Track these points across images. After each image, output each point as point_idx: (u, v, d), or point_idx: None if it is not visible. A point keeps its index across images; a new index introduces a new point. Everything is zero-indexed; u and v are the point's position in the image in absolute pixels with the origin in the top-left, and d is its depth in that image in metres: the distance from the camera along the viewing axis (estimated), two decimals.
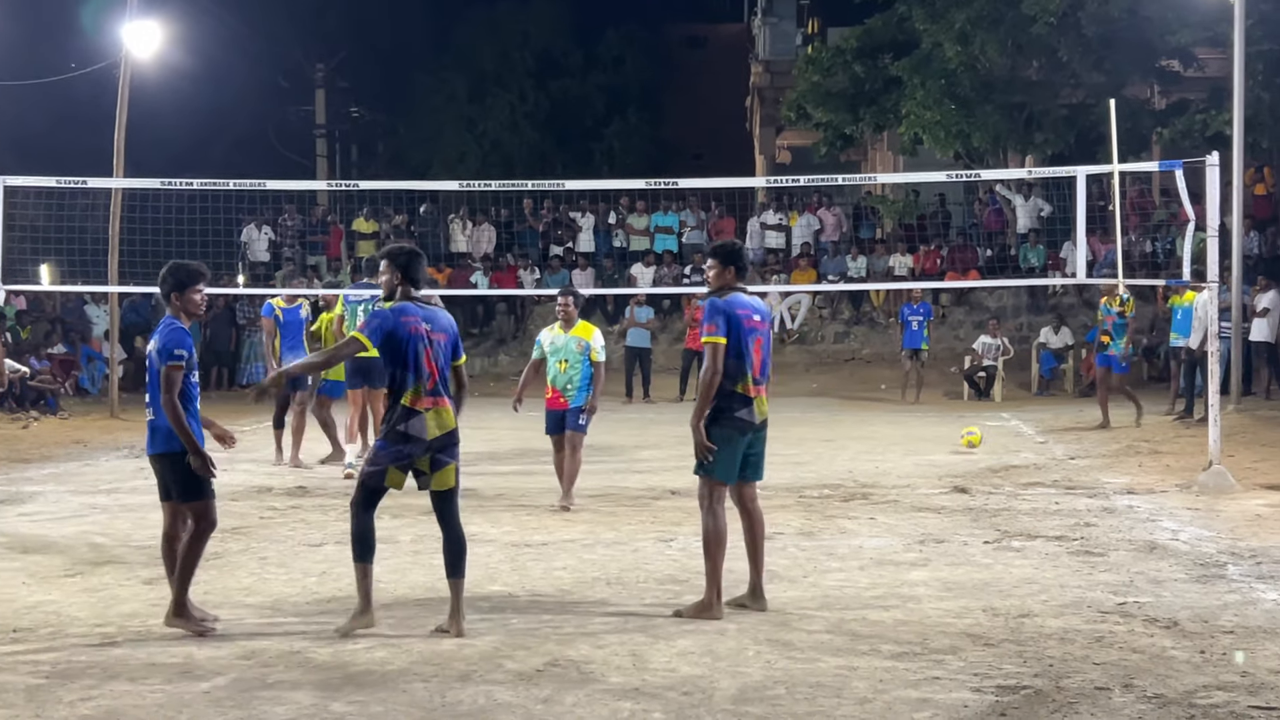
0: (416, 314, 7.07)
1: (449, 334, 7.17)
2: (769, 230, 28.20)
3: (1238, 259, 18.41)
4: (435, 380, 7.00)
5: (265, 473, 13.69)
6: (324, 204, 30.79)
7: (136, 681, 6.11)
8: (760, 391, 7.37)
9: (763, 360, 7.45)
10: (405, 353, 6.96)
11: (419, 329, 7.00)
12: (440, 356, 7.07)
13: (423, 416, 6.99)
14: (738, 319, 7.31)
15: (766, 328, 7.55)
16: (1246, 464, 13.08)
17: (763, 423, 7.44)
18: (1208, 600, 7.54)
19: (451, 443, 7.08)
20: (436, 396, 7.01)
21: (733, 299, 7.39)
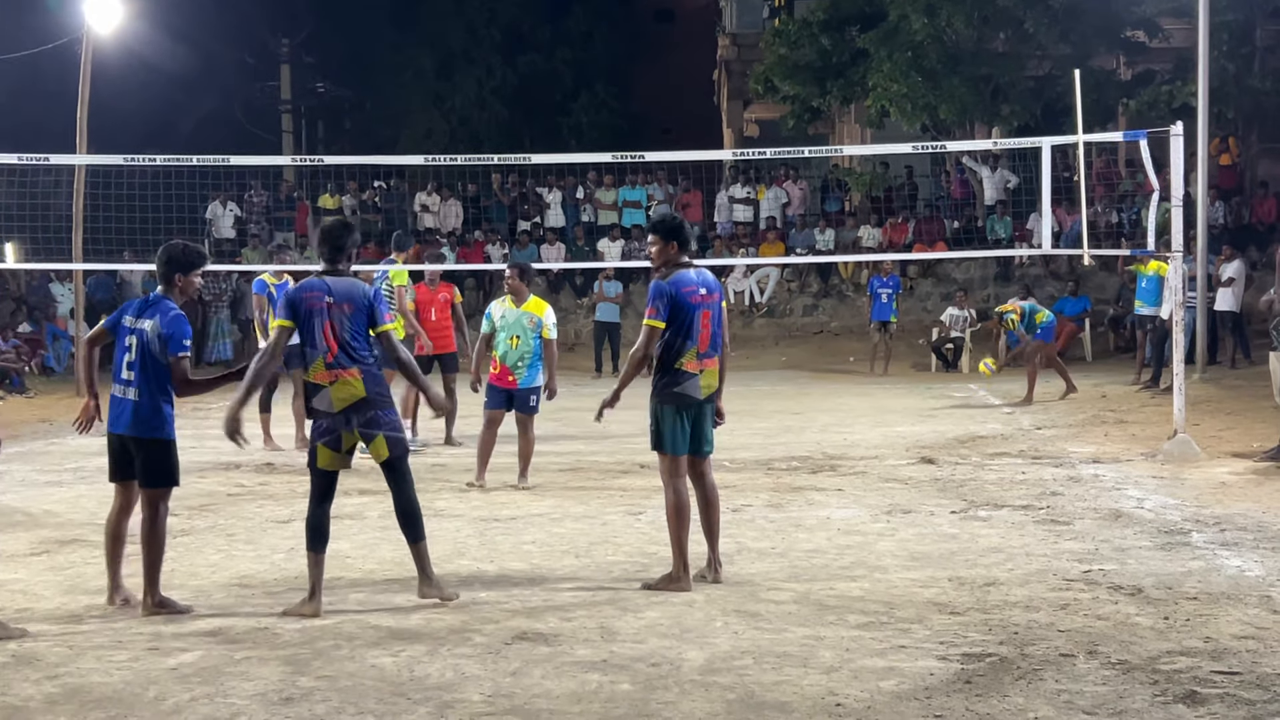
0: (320, 288, 7.00)
1: (356, 303, 7.01)
2: (737, 204, 28.21)
3: (1203, 229, 18.51)
4: (335, 353, 6.92)
5: (234, 450, 13.60)
6: (290, 180, 30.61)
7: (103, 659, 6.10)
8: (708, 365, 7.34)
9: (712, 334, 7.41)
10: (308, 327, 6.96)
11: (319, 303, 6.95)
12: (343, 328, 6.96)
13: (325, 390, 6.96)
14: (683, 297, 7.30)
15: (716, 299, 7.48)
16: (1211, 432, 13.18)
17: (708, 397, 7.42)
18: (1172, 567, 7.61)
19: (369, 412, 6.96)
20: (338, 369, 6.93)
21: (678, 277, 7.36)
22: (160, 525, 7.08)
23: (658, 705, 5.33)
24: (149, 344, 6.98)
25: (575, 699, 5.42)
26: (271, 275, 13.97)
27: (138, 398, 6.98)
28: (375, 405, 7.00)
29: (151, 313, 7.06)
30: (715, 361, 7.45)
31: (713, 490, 7.64)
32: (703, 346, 7.36)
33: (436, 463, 12.49)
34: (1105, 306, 24.46)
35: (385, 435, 7.02)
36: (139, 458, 7.06)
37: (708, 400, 7.45)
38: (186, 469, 11.99)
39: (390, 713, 5.29)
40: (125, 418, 7.03)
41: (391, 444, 7.06)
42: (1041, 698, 5.31)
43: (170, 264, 7.16)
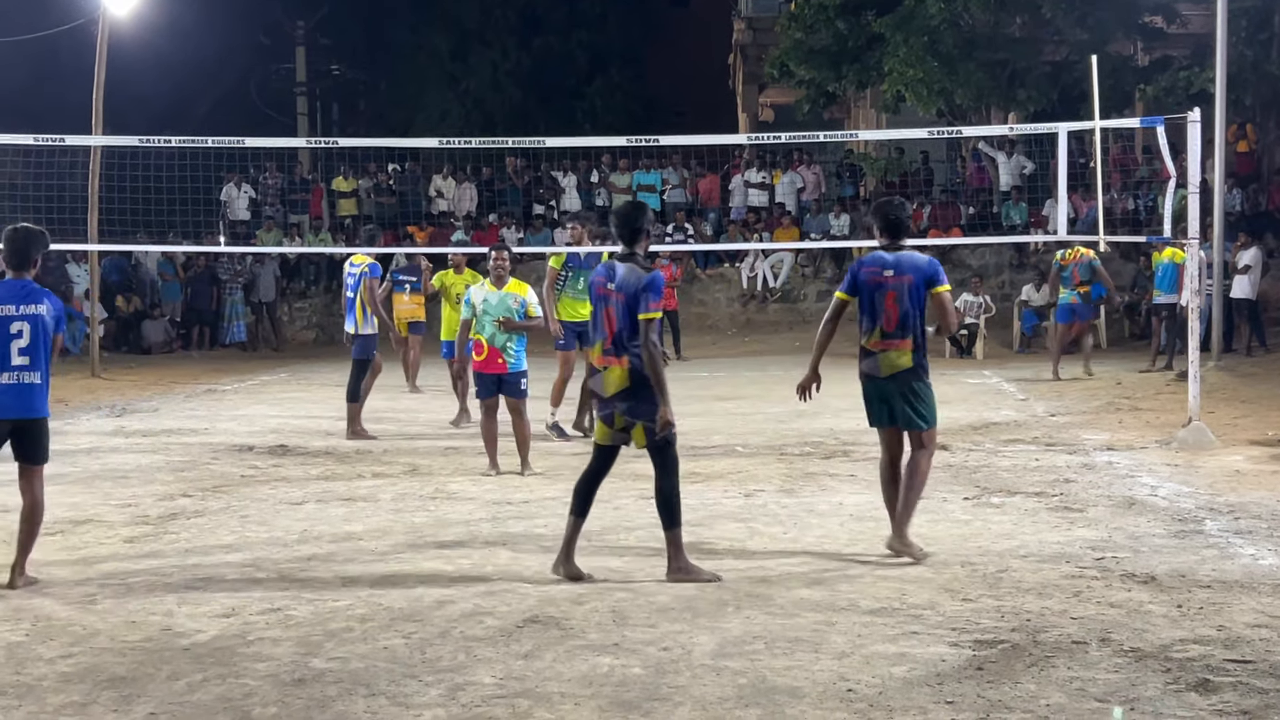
0: (603, 274, 7.25)
1: (625, 293, 7.11)
2: (752, 188, 28.15)
3: (1219, 216, 18.43)
4: (611, 339, 7.11)
5: (246, 431, 13.68)
6: (305, 162, 30.62)
7: (116, 639, 6.12)
8: (892, 345, 7.48)
9: (901, 314, 7.54)
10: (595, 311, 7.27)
11: (603, 290, 7.18)
12: (618, 314, 7.09)
13: (599, 375, 7.20)
14: (865, 276, 7.66)
15: (909, 281, 7.55)
16: (1226, 420, 13.13)
17: (891, 375, 7.61)
18: (1185, 556, 7.58)
19: (633, 401, 7.09)
20: (610, 357, 7.13)
21: (868, 258, 7.74)
22: (38, 501, 7.20)
23: (668, 689, 5.33)
24: (46, 328, 7.07)
25: (586, 682, 5.43)
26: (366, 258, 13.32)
27: (39, 380, 7.07)
28: (639, 395, 7.09)
29: (37, 297, 7.12)
30: (904, 343, 7.56)
31: (912, 463, 7.81)
32: (888, 326, 7.52)
33: (450, 445, 12.50)
34: (1121, 294, 24.37)
35: (645, 425, 7.10)
36: (27, 438, 7.11)
37: (891, 378, 7.62)
38: (200, 452, 12.20)
39: (402, 694, 5.30)
40: (26, 401, 7.06)
41: (649, 433, 7.11)
42: (1053, 685, 5.30)
43: (33, 244, 7.25)
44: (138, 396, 17.52)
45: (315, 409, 15.83)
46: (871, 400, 7.81)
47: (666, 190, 28.12)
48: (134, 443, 12.98)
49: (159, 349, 25.14)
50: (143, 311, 25.94)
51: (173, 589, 7.07)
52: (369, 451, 12.22)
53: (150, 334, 25.49)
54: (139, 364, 22.69)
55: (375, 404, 13.84)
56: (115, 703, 5.24)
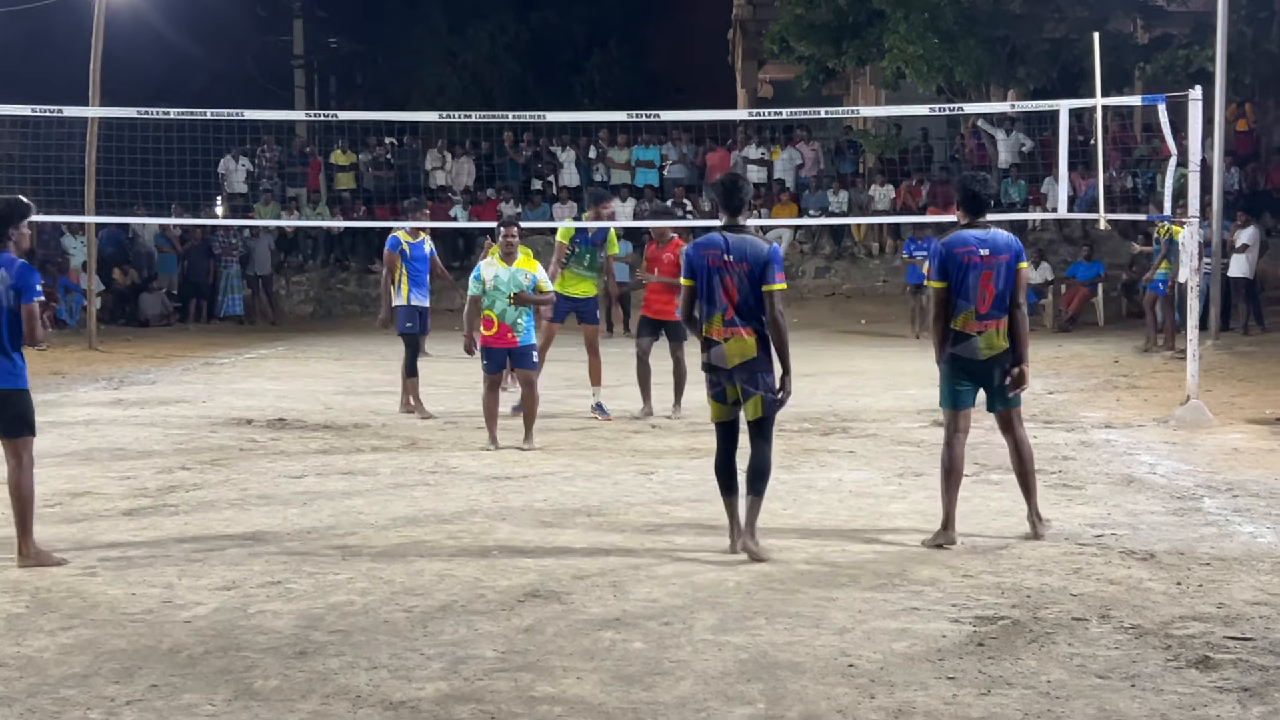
0: (719, 244, 7.13)
1: (749, 263, 7.07)
2: (751, 164, 28.07)
3: (1219, 195, 18.42)
4: (732, 311, 7.06)
5: (244, 404, 13.66)
6: (302, 135, 30.52)
7: (116, 611, 6.13)
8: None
9: (996, 294, 7.38)
10: (705, 284, 7.12)
11: (717, 260, 7.09)
12: (741, 285, 7.06)
13: (720, 346, 7.09)
14: (955, 257, 7.42)
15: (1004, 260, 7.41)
16: (1224, 399, 13.14)
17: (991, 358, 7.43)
18: (1184, 533, 7.60)
19: (753, 371, 7.08)
20: (734, 327, 7.06)
21: (955, 238, 7.49)
22: (27, 476, 7.05)
23: (670, 664, 5.34)
24: (9, 302, 6.95)
25: (588, 656, 5.43)
26: (407, 233, 13.14)
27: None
28: (760, 366, 7.09)
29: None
30: (1000, 322, 7.40)
31: (1023, 442, 7.72)
32: (983, 307, 7.37)
33: (449, 420, 12.50)
34: (1119, 272, 24.36)
35: (762, 396, 7.10)
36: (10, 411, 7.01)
37: (992, 360, 7.44)
38: (198, 425, 12.18)
39: (404, 667, 5.31)
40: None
41: (765, 405, 7.12)
42: (1054, 661, 5.31)
43: (6, 218, 7.09)
44: (135, 369, 17.50)
45: (313, 383, 15.81)
46: (960, 381, 7.55)
47: (666, 165, 28.04)
48: (132, 415, 12.97)
49: (156, 321, 25.10)
50: (139, 284, 25.89)
51: (172, 561, 7.07)
52: (367, 425, 12.22)
53: (147, 306, 25.44)
54: (136, 336, 22.65)
55: (374, 376, 13.82)
56: (117, 675, 5.24)
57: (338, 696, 5.00)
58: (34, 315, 6.99)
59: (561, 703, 4.91)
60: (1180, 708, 4.79)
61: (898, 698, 4.93)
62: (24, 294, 6.96)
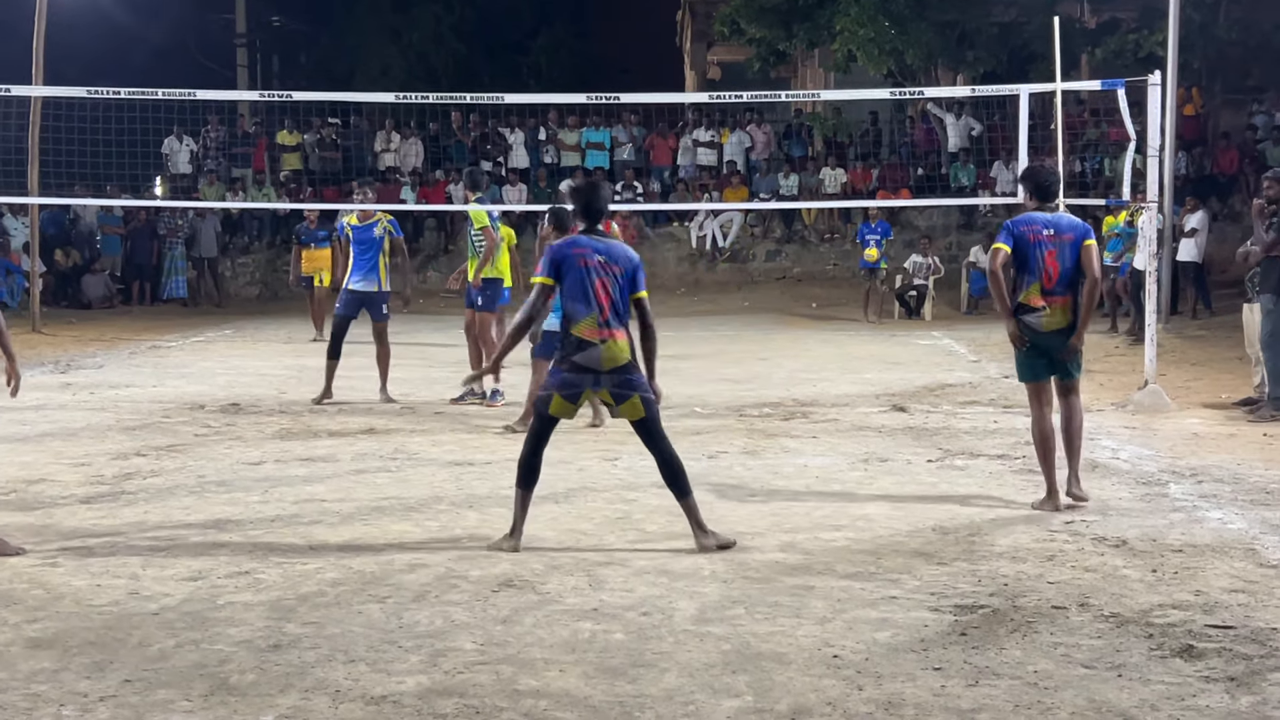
0: (588, 245, 6.99)
1: (623, 266, 6.99)
2: (701, 147, 28.02)
3: (1169, 180, 18.53)
4: (607, 313, 6.91)
5: (196, 389, 13.47)
6: (247, 115, 30.14)
7: (82, 603, 5.98)
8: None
9: (1062, 271, 7.84)
10: (576, 283, 6.92)
11: (591, 260, 6.94)
12: (615, 288, 6.94)
13: (596, 348, 6.89)
14: (1024, 235, 7.90)
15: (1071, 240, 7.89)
16: (1178, 383, 13.22)
17: (1055, 331, 7.90)
18: (1154, 519, 7.61)
19: (626, 375, 6.92)
20: (609, 329, 6.91)
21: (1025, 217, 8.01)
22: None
23: (653, 655, 5.27)
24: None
25: (569, 648, 5.35)
26: (354, 217, 12.89)
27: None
28: (633, 369, 6.97)
29: None
30: (1064, 299, 7.87)
31: (1075, 410, 8.17)
32: (1048, 283, 7.82)
33: (405, 405, 12.37)
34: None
35: (640, 396, 6.94)
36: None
37: (1057, 332, 7.91)
38: (150, 409, 11.99)
39: (381, 660, 5.21)
40: None
41: (646, 404, 6.96)
42: (1039, 650, 5.29)
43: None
44: (81, 352, 17.23)
45: (264, 365, 15.63)
46: (1032, 355, 8.04)
47: (617, 148, 27.92)
48: (81, 400, 12.75)
49: (99, 304, 24.74)
50: (82, 266, 25.51)
51: (135, 551, 6.92)
52: (323, 410, 12.07)
53: (90, 289, 25.08)
54: (79, 319, 22.32)
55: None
56: (88, 670, 5.11)
57: (317, 691, 4.89)
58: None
59: (546, 696, 4.83)
60: (1169, 698, 4.77)
61: (886, 689, 4.88)
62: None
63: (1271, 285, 11.17)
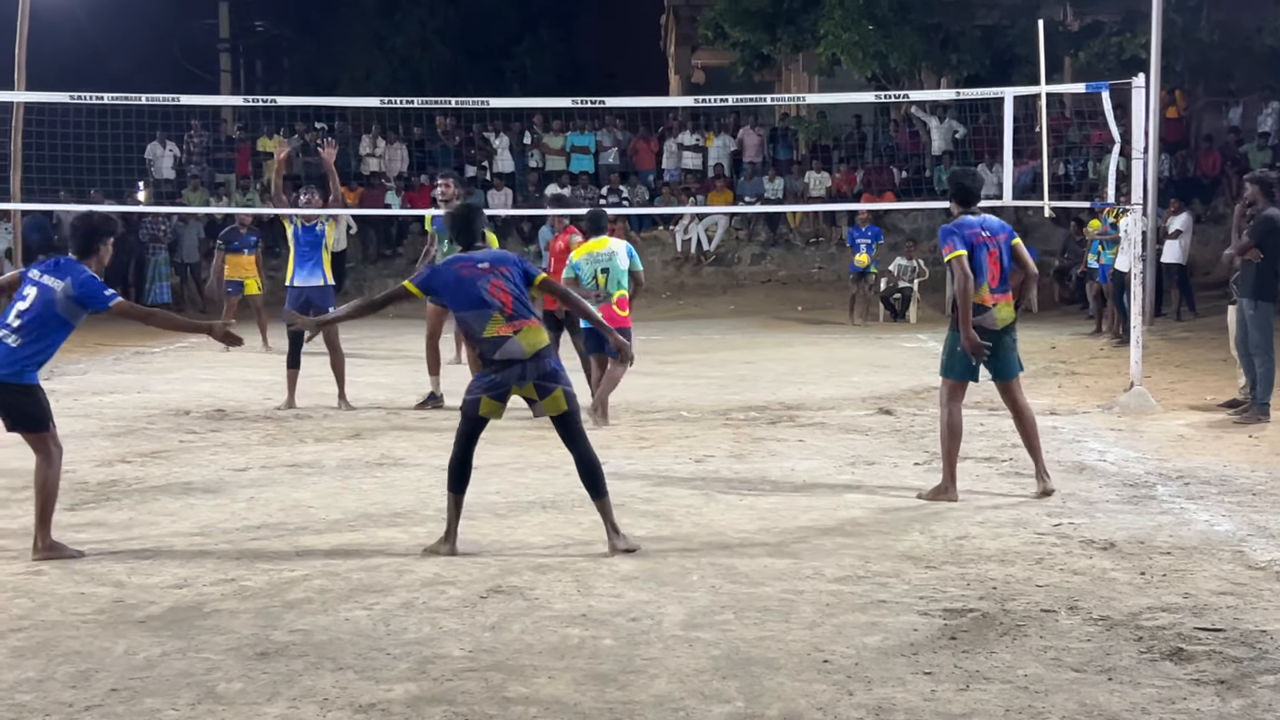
0: (469, 259, 7.05)
1: (511, 265, 7.06)
2: (686, 151, 28.01)
3: (1152, 182, 18.57)
4: (510, 306, 6.92)
5: (180, 395, 13.42)
6: (230, 120, 30.07)
7: (67, 611, 5.95)
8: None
9: (1002, 271, 8.23)
10: (468, 293, 6.94)
11: (473, 269, 6.98)
12: (510, 284, 6.97)
13: (513, 339, 6.90)
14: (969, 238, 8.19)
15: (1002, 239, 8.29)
16: (1163, 385, 13.24)
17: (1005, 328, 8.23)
18: (1141, 521, 7.61)
19: (547, 364, 6.94)
20: (519, 319, 6.92)
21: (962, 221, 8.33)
22: (45, 470, 6.96)
23: (642, 661, 5.25)
24: (53, 302, 6.87)
25: (558, 654, 5.33)
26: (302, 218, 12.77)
27: (16, 344, 6.84)
28: (552, 354, 7.02)
29: (62, 274, 6.94)
30: (1007, 296, 8.26)
31: (1025, 408, 8.48)
32: (993, 282, 8.16)
33: (391, 410, 12.34)
34: (1051, 258, 24.55)
35: (564, 390, 6.96)
36: (5, 403, 6.92)
37: (1005, 330, 8.23)
38: (135, 416, 11.93)
39: (370, 668, 5.18)
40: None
41: (569, 398, 6.97)
42: (1029, 654, 5.28)
43: (95, 233, 7.11)
44: (64, 358, 17.09)
45: (249, 372, 15.58)
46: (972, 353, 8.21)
47: (601, 153, 27.91)
48: (65, 406, 12.64)
49: None
50: None
51: (120, 558, 6.89)
52: (309, 416, 12.03)
53: None
54: None
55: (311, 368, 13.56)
56: (74, 679, 5.07)
57: (305, 699, 4.86)
58: (121, 312, 7.08)
59: (536, 703, 4.81)
60: (1160, 701, 4.77)
61: (876, 694, 4.87)
62: (94, 302, 6.93)
63: (1248, 289, 11.21)
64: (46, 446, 6.98)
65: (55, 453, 7.01)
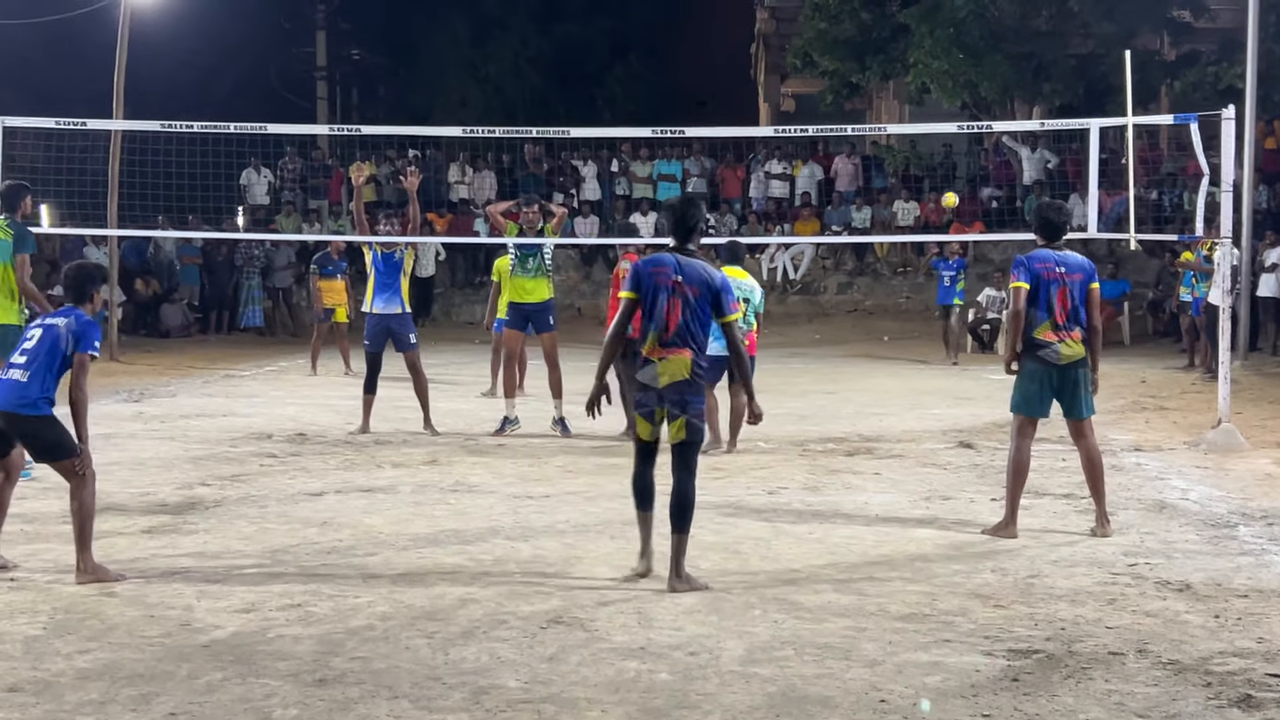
0: (669, 264, 7.04)
1: (701, 289, 6.99)
2: (773, 179, 27.97)
3: (1248, 214, 18.25)
4: (673, 331, 6.95)
5: (264, 418, 13.59)
6: (324, 148, 30.51)
7: (135, 634, 6.03)
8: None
9: (1072, 308, 8.11)
10: (649, 301, 7.00)
11: (666, 280, 6.98)
12: (688, 308, 6.97)
13: (653, 365, 6.99)
14: (1037, 272, 8.15)
15: (1079, 279, 8.17)
16: (1254, 421, 12.97)
17: (1071, 363, 8.09)
18: (1220, 562, 7.45)
19: (683, 394, 6.95)
20: (672, 348, 6.96)
21: (1037, 254, 8.30)
22: (80, 494, 7.09)
23: (697, 697, 5.22)
24: (58, 338, 7.09)
25: (613, 688, 5.31)
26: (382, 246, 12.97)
27: (25, 379, 7.05)
28: (691, 390, 6.98)
29: (67, 314, 7.22)
30: (1075, 334, 8.14)
31: (1093, 450, 8.39)
32: (1060, 319, 8.08)
33: (468, 436, 12.41)
34: (1145, 290, 24.20)
35: (688, 420, 6.97)
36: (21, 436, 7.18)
37: (1071, 366, 8.14)
38: (218, 439, 12.10)
39: (425, 697, 5.20)
40: (5, 394, 7.07)
41: (691, 430, 6.98)
42: (1091, 698, 5.18)
43: (89, 280, 7.43)
44: (155, 381, 17.45)
45: (333, 397, 15.74)
46: (1042, 388, 8.24)
47: (689, 181, 27.94)
48: (152, 429, 12.90)
49: (177, 332, 25.09)
50: (161, 295, 25.89)
51: (191, 581, 6.98)
52: (388, 442, 12.13)
53: (168, 317, 25.44)
54: (156, 347, 22.64)
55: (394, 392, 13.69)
56: (134, 701, 5.14)
57: None
58: (84, 365, 7.11)
59: None
60: None
61: None
62: (82, 342, 7.09)
63: None
64: (74, 473, 7.11)
65: (86, 479, 7.14)
